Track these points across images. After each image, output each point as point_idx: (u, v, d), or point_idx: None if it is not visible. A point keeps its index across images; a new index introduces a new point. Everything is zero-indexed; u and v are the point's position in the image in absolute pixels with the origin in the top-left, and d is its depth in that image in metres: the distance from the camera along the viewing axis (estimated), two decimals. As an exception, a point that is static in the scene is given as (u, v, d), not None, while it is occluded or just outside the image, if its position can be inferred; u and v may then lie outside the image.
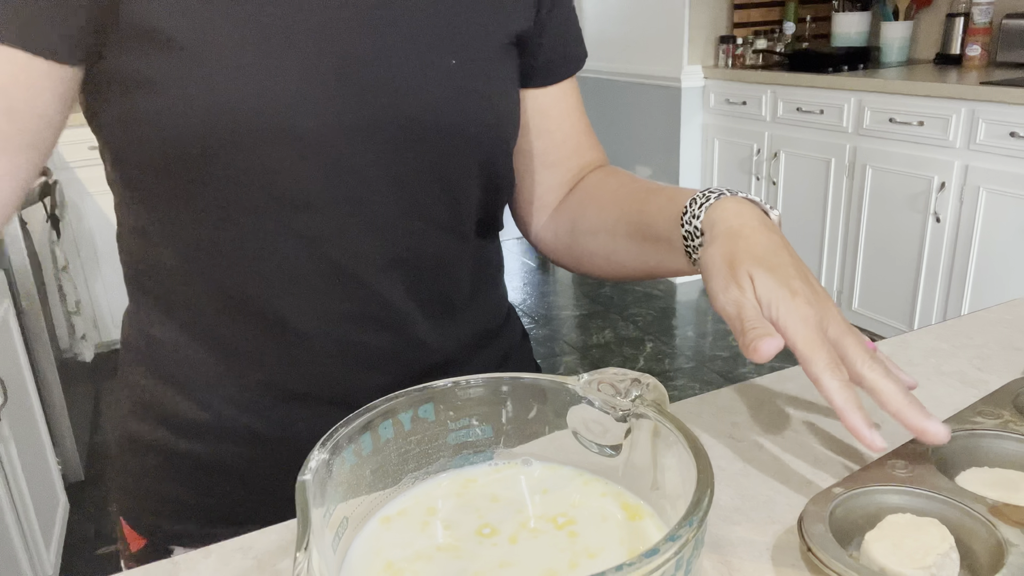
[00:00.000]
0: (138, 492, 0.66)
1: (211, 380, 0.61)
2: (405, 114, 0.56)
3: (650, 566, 0.31)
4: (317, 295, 0.59)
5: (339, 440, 0.41)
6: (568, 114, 0.71)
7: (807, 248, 3.07)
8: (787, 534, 0.49)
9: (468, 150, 0.60)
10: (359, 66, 0.54)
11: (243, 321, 0.59)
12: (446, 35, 0.58)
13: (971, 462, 0.51)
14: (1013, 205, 2.32)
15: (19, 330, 1.91)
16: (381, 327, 0.62)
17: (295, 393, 0.62)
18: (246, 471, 0.64)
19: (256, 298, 0.58)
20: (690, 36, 3.36)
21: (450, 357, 0.66)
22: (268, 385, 0.61)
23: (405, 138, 0.57)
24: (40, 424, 1.97)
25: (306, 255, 0.57)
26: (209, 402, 0.62)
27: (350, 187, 0.56)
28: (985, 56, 2.83)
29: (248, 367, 0.61)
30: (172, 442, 0.63)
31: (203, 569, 0.49)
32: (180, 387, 0.62)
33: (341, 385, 0.62)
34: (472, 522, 0.44)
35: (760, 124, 3.15)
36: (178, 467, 0.63)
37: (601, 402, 0.45)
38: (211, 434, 0.62)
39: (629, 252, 0.65)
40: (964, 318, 0.79)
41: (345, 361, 0.62)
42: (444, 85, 0.58)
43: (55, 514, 1.99)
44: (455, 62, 0.58)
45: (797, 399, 0.66)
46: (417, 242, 0.61)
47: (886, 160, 2.67)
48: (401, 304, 0.62)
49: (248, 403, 0.62)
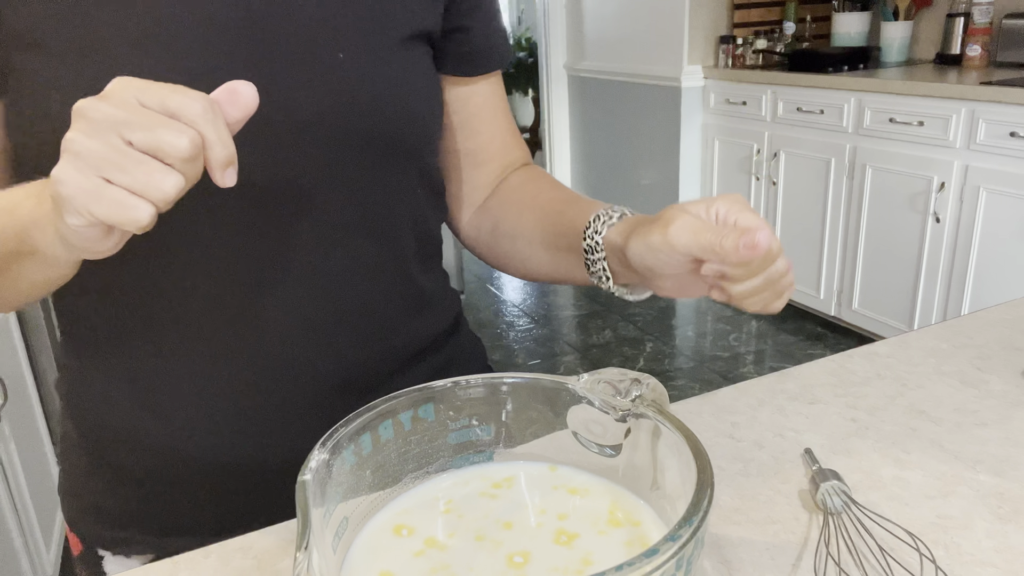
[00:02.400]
0: (72, 492, 0.67)
1: (126, 390, 0.61)
2: (289, 111, 0.54)
3: (650, 566, 0.31)
4: (218, 305, 0.58)
5: (339, 440, 0.41)
6: (495, 114, 0.71)
7: (807, 248, 3.07)
8: (787, 534, 0.49)
9: (367, 144, 0.58)
10: (242, 66, 0.53)
11: (149, 332, 0.59)
12: (333, 29, 0.56)
13: None
14: (1013, 205, 2.32)
15: (19, 330, 1.91)
16: (292, 337, 0.59)
17: (204, 406, 0.60)
18: (170, 483, 0.63)
19: (157, 309, 0.57)
20: (690, 36, 3.36)
21: (371, 369, 0.64)
22: (178, 396, 0.60)
23: (291, 133, 0.55)
24: (40, 424, 1.97)
25: (201, 261, 0.56)
26: (127, 413, 0.61)
27: (243, 188, 0.51)
28: (985, 56, 2.83)
29: (158, 379, 0.60)
30: (100, 449, 0.63)
31: (203, 569, 0.49)
32: (111, 399, 0.62)
33: (256, 395, 0.60)
34: (472, 524, 0.44)
35: (760, 124, 3.15)
36: (105, 473, 0.64)
37: (601, 402, 0.45)
38: (131, 444, 0.62)
39: (542, 260, 0.66)
40: (964, 318, 0.79)
41: (257, 371, 0.60)
42: (333, 79, 0.56)
43: (55, 514, 1.98)
44: (343, 55, 0.56)
45: (797, 399, 0.66)
46: (325, 246, 0.59)
47: (886, 160, 2.67)
48: (312, 312, 0.59)
49: (163, 415, 0.61)
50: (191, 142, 0.38)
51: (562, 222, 0.62)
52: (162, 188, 0.38)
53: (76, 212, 0.38)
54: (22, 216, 0.45)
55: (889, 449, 0.58)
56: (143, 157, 0.38)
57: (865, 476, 0.55)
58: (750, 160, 3.23)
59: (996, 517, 0.50)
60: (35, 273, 0.49)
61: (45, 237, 0.43)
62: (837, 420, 0.63)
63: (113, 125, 0.38)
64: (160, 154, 0.38)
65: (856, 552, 0.46)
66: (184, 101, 0.38)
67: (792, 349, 2.96)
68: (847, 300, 2.96)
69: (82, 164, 0.38)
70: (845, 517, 0.48)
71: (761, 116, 3.13)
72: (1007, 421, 0.61)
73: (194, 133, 0.38)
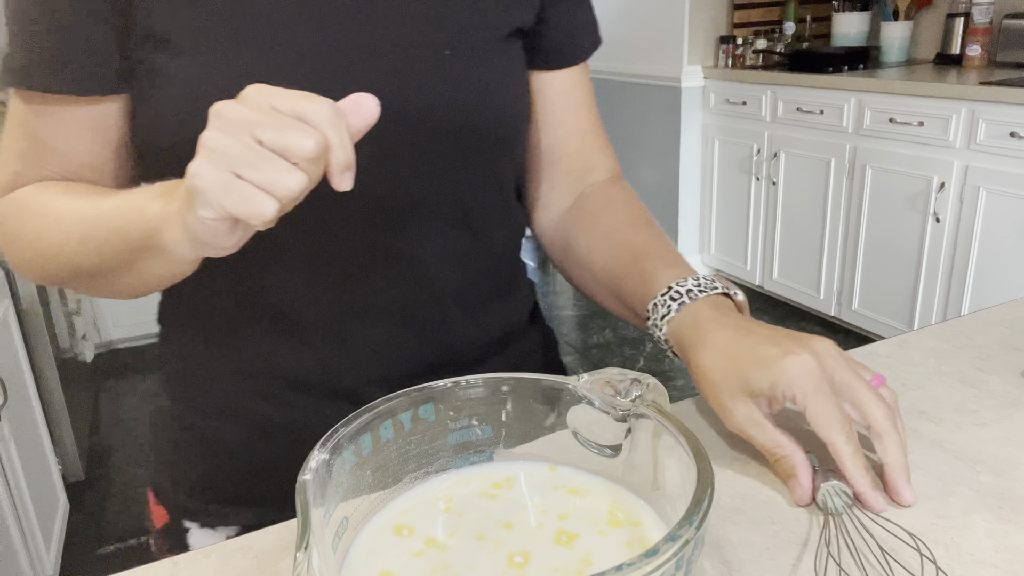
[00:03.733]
0: (163, 464, 0.69)
1: (229, 373, 0.64)
2: (401, 107, 0.56)
3: (650, 566, 0.31)
4: (321, 289, 0.60)
5: (339, 440, 0.41)
6: (574, 109, 0.71)
7: (807, 248, 3.07)
8: (787, 534, 0.49)
9: (469, 143, 0.61)
10: (353, 59, 0.55)
11: (254, 314, 0.61)
12: (440, 27, 0.58)
13: None
14: (1013, 205, 2.32)
15: (19, 330, 1.91)
16: (385, 322, 0.62)
17: (306, 384, 0.63)
18: (256, 456, 0.65)
19: (265, 291, 0.60)
20: (690, 36, 3.36)
21: (457, 356, 0.66)
22: (280, 377, 0.63)
23: (397, 129, 0.57)
24: (40, 424, 1.97)
25: (310, 247, 0.59)
26: (227, 393, 0.65)
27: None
28: (985, 56, 2.83)
29: (260, 360, 0.63)
30: (192, 421, 0.66)
31: (203, 569, 0.49)
32: (201, 378, 0.65)
33: (347, 377, 0.63)
34: (472, 523, 0.44)
35: (760, 124, 3.15)
36: (195, 445, 0.67)
37: (601, 402, 0.45)
38: (229, 422, 0.65)
39: (608, 303, 0.68)
40: (964, 318, 0.79)
41: (351, 354, 0.63)
42: (436, 76, 0.58)
43: (55, 514, 1.99)
44: (449, 53, 0.58)
45: (797, 399, 0.66)
46: (422, 237, 0.61)
47: (886, 160, 2.67)
48: (406, 299, 0.62)
49: (263, 394, 0.64)
50: (316, 144, 0.40)
51: (626, 285, 0.63)
52: (287, 185, 0.40)
53: (208, 204, 0.40)
54: (151, 215, 0.47)
55: (889, 449, 0.58)
56: (272, 156, 0.40)
57: (865, 476, 0.55)
58: (750, 160, 3.23)
59: (996, 517, 0.50)
60: (159, 268, 0.52)
61: (173, 235, 0.45)
62: (837, 420, 0.62)
63: (246, 125, 0.40)
64: (287, 154, 0.40)
65: (857, 552, 0.46)
66: (312, 106, 0.40)
67: (792, 349, 2.96)
68: (847, 300, 2.96)
69: (216, 159, 0.40)
70: (846, 517, 0.48)
71: (761, 116, 3.13)
72: (1007, 421, 0.61)
73: (319, 135, 0.40)
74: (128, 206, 0.50)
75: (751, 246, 3.35)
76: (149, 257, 0.50)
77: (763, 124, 3.14)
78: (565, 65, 0.69)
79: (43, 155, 0.57)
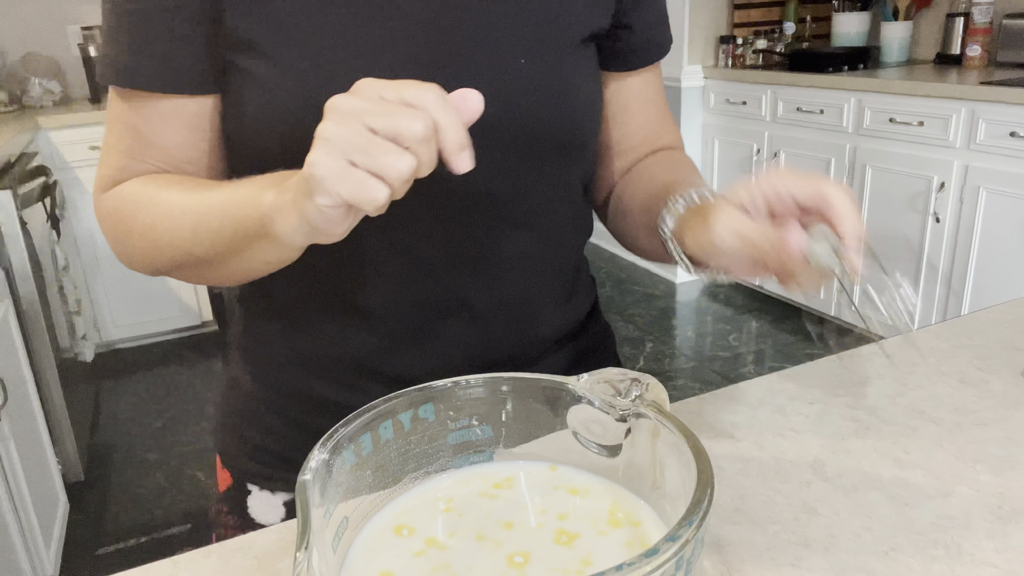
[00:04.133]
0: (232, 432, 0.72)
1: (303, 355, 0.66)
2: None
3: (650, 566, 0.31)
4: (394, 283, 0.62)
5: (339, 440, 0.41)
6: (646, 105, 0.72)
7: (807, 248, 3.07)
8: (787, 534, 0.49)
9: (542, 149, 0.62)
10: (431, 65, 0.57)
11: (330, 306, 0.64)
12: (515, 35, 0.59)
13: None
14: (1013, 205, 2.31)
15: (19, 330, 1.91)
16: (453, 317, 0.64)
17: (373, 370, 0.66)
18: (322, 430, 0.66)
19: (341, 286, 0.63)
20: (690, 36, 3.36)
21: (519, 353, 0.67)
22: (349, 362, 0.66)
23: (475, 136, 0.58)
24: (40, 424, 1.97)
25: (385, 245, 0.61)
26: (299, 373, 0.67)
27: (424, 184, 0.57)
28: (985, 56, 2.83)
29: (333, 346, 0.65)
30: (266, 396, 0.69)
31: (203, 569, 0.49)
32: (277, 357, 0.68)
33: (417, 366, 0.65)
34: (472, 523, 0.44)
35: (760, 124, 3.15)
36: (266, 417, 0.69)
37: (601, 402, 0.45)
38: (299, 398, 0.68)
39: (643, 241, 0.68)
40: (964, 318, 0.79)
41: (419, 346, 0.65)
42: (512, 84, 0.59)
43: (55, 514, 1.99)
44: (524, 61, 0.59)
45: (797, 399, 0.66)
46: (492, 239, 0.63)
47: (886, 160, 2.67)
48: (474, 297, 0.64)
49: (332, 376, 0.66)
50: (424, 124, 0.42)
51: (654, 206, 0.63)
52: (398, 167, 0.42)
53: (325, 192, 0.42)
54: (266, 204, 0.49)
55: (889, 449, 0.58)
56: (383, 141, 0.42)
57: (865, 476, 0.55)
58: (750, 160, 3.23)
59: (996, 517, 0.50)
60: (269, 255, 0.54)
61: (287, 222, 0.47)
62: (837, 420, 0.63)
63: (358, 115, 0.42)
64: (399, 138, 0.42)
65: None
66: (419, 91, 0.43)
67: (792, 349, 2.96)
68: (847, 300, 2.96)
69: (332, 148, 0.42)
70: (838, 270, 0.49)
71: (761, 116, 3.13)
72: (1007, 421, 0.61)
73: (427, 116, 0.42)
74: (241, 196, 0.52)
75: (751, 246, 3.35)
76: (261, 244, 0.52)
77: (763, 124, 3.14)
78: (641, 66, 0.70)
79: (144, 150, 0.60)
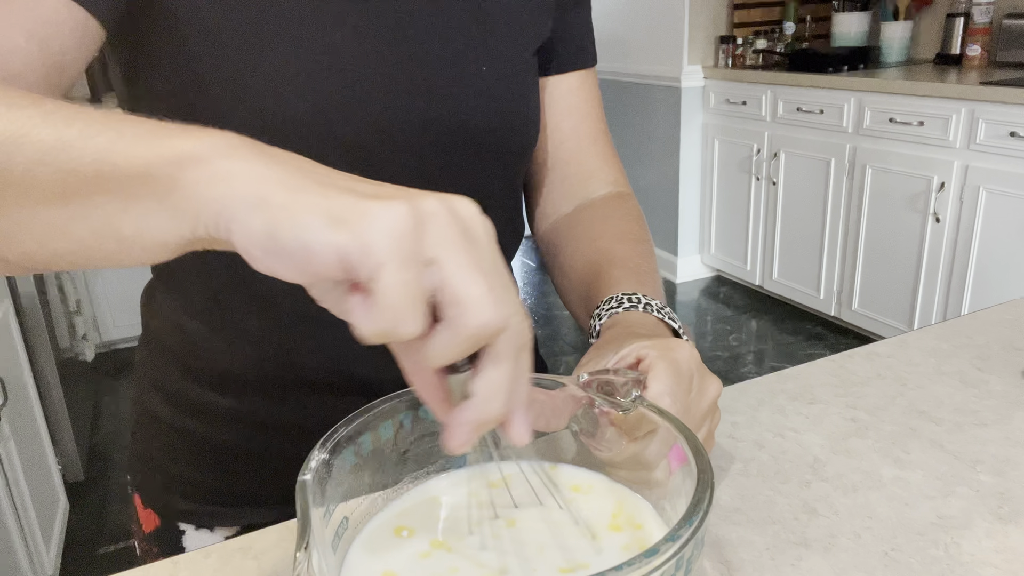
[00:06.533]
0: (151, 467, 0.68)
1: (227, 366, 0.63)
2: (436, 117, 0.58)
3: (650, 566, 0.31)
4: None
5: (339, 440, 0.41)
6: (571, 112, 0.71)
7: (807, 248, 3.07)
8: (787, 534, 0.49)
9: (493, 153, 0.62)
10: (395, 72, 0.56)
11: (261, 311, 0.61)
12: (479, 44, 0.60)
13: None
14: (1013, 205, 2.32)
15: (19, 330, 1.91)
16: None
17: (309, 381, 0.63)
18: (257, 454, 0.65)
19: (274, 289, 0.59)
20: (690, 36, 3.36)
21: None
22: (282, 372, 0.63)
23: (434, 141, 0.58)
24: (40, 424, 1.97)
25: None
26: (224, 387, 0.63)
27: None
28: (985, 56, 2.83)
29: (264, 355, 0.62)
30: (185, 422, 0.65)
31: (203, 569, 0.49)
32: (196, 371, 0.64)
33: (355, 376, 0.63)
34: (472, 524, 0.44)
35: (760, 124, 3.15)
36: (190, 446, 0.65)
37: (601, 402, 0.45)
38: (225, 417, 0.64)
39: (578, 310, 0.67)
40: (964, 318, 0.79)
41: (358, 353, 0.62)
42: (475, 90, 0.60)
43: (55, 514, 1.99)
44: (486, 69, 0.60)
45: (797, 399, 0.66)
46: None
47: (886, 160, 2.67)
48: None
49: (262, 389, 0.63)
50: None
51: (593, 288, 0.63)
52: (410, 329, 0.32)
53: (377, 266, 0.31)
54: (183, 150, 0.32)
55: (889, 449, 0.58)
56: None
57: (865, 476, 0.55)
58: (750, 160, 3.23)
59: (996, 517, 0.50)
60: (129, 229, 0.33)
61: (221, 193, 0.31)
62: (837, 420, 0.63)
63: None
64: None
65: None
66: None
67: (792, 349, 2.96)
68: (847, 300, 2.96)
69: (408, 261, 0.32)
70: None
71: (761, 116, 3.13)
72: (1007, 421, 0.61)
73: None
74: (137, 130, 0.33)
75: (751, 246, 3.35)
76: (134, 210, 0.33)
77: (763, 124, 3.14)
78: (569, 69, 0.70)
79: None
